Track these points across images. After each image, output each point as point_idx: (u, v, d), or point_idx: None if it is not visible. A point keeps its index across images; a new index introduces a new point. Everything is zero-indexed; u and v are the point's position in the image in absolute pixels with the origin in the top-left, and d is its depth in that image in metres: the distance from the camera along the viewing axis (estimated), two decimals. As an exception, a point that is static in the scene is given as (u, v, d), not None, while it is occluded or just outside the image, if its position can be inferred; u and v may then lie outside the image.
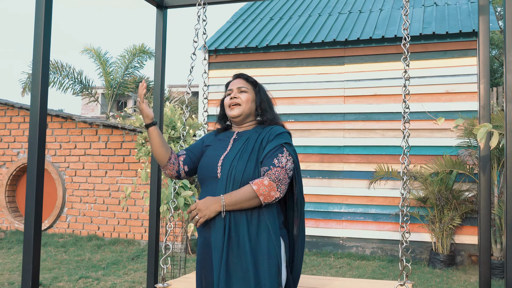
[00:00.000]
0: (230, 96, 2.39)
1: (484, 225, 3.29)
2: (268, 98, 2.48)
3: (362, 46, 7.58)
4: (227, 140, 2.39)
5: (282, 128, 2.35)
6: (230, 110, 2.38)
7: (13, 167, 8.20)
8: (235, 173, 2.19)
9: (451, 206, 6.54)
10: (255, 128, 2.38)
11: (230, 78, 2.52)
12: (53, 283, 5.46)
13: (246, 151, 2.26)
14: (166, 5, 3.96)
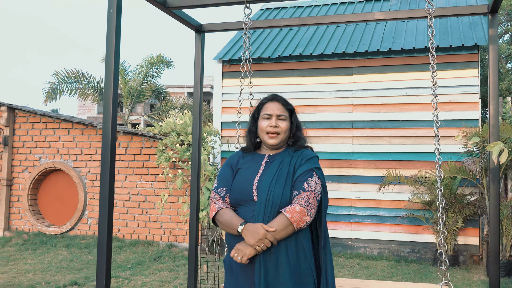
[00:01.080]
0: (270, 123, 2.42)
1: (494, 229, 3.70)
2: (299, 123, 2.53)
3: (369, 58, 8.00)
4: (258, 162, 2.44)
5: (312, 152, 2.44)
6: (269, 139, 2.42)
7: (35, 172, 8.56)
8: (273, 197, 2.25)
9: (454, 209, 6.98)
10: (287, 151, 2.44)
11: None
12: (87, 282, 5.85)
13: (281, 175, 2.31)
14: (205, 29, 4.37)
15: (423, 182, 7.24)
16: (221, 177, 2.48)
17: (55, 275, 6.28)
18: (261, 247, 2.17)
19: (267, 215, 2.23)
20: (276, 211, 2.23)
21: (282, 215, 2.19)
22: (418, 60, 7.76)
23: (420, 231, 7.53)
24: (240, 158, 2.51)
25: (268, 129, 2.42)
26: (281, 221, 2.18)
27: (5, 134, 8.74)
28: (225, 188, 2.41)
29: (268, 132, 2.42)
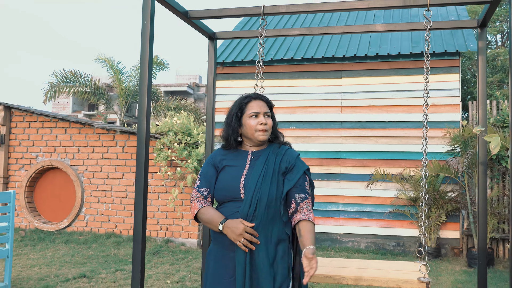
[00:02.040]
0: (260, 121, 2.50)
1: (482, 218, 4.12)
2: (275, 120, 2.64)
3: (357, 62, 8.44)
4: (243, 159, 2.51)
5: (295, 151, 2.58)
6: (260, 135, 2.49)
7: (32, 170, 8.75)
8: (260, 195, 2.35)
9: (437, 205, 7.46)
10: (270, 148, 2.53)
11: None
12: (94, 275, 6.11)
13: (268, 173, 2.41)
14: (218, 37, 4.71)
15: (408, 180, 7.70)
16: (204, 176, 2.55)
17: (60, 269, 6.51)
18: (242, 242, 2.28)
19: (251, 212, 2.32)
20: (264, 209, 2.34)
21: (312, 223, 2.37)
22: (403, 64, 8.23)
23: (405, 225, 8.00)
24: (223, 156, 2.56)
25: (259, 127, 2.48)
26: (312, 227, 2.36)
27: (2, 133, 8.89)
28: (207, 188, 2.50)
29: (260, 130, 2.48)
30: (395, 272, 3.39)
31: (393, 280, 3.18)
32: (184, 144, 7.77)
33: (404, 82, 8.18)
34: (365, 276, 3.24)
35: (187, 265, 6.79)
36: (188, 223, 8.09)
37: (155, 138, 8.16)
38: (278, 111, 8.32)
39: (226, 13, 4.10)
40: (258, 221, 2.33)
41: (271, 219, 2.36)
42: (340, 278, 3.24)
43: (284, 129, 8.50)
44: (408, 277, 3.20)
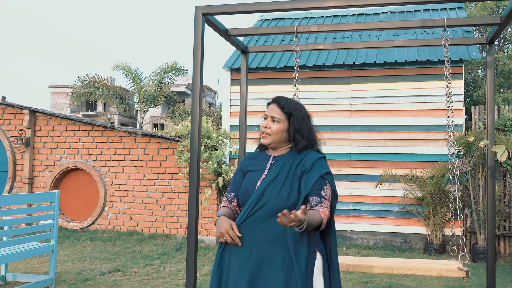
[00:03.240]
0: (263, 124, 2.50)
1: (491, 216, 4.60)
2: (305, 126, 2.51)
3: (366, 69, 8.92)
4: (264, 164, 2.51)
5: (317, 154, 2.45)
6: (262, 138, 2.52)
7: (56, 171, 9.18)
8: (267, 197, 2.33)
9: (443, 204, 7.95)
10: (290, 153, 2.48)
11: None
12: (127, 269, 6.56)
13: (281, 177, 2.37)
14: (249, 51, 5.17)
15: (415, 180, 8.19)
16: (233, 181, 2.59)
17: (92, 264, 6.95)
18: (222, 239, 2.32)
19: (250, 212, 2.33)
20: (266, 211, 2.31)
21: (319, 214, 2.25)
22: (410, 71, 8.72)
23: (412, 223, 8.49)
24: (250, 160, 2.58)
25: (261, 129, 2.51)
26: (318, 216, 2.24)
27: (27, 136, 9.32)
28: (233, 193, 2.54)
29: (262, 132, 2.50)
30: (436, 263, 3.84)
31: (435, 269, 3.63)
32: (204, 146, 8.22)
33: (410, 88, 8.67)
34: (409, 266, 3.70)
35: (210, 260, 7.24)
36: (207, 221, 8.55)
37: (176, 141, 8.60)
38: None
39: (263, 31, 4.57)
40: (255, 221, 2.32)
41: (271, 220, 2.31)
42: (386, 268, 3.69)
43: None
44: (449, 267, 3.65)
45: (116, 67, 14.85)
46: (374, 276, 6.30)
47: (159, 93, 14.91)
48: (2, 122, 9.54)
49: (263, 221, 2.32)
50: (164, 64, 14.55)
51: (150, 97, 14.70)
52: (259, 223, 2.32)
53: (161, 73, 14.72)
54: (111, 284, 5.72)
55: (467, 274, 3.73)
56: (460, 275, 3.72)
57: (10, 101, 9.50)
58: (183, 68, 14.98)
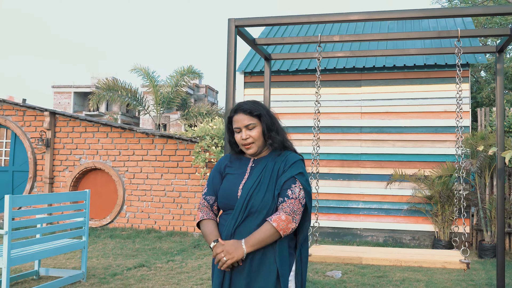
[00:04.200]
0: (241, 136, 2.45)
1: (500, 215, 4.94)
2: (274, 121, 2.52)
3: (376, 72, 9.25)
4: (244, 167, 2.49)
5: (296, 156, 2.47)
6: (247, 150, 2.46)
7: (76, 171, 9.51)
8: (252, 203, 2.33)
9: (451, 202, 8.28)
10: (271, 155, 2.49)
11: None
12: (151, 264, 6.89)
13: (264, 181, 2.37)
14: (272, 58, 5.49)
15: (423, 179, 8.52)
16: (210, 183, 2.56)
17: (116, 260, 7.28)
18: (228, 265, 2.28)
19: (240, 220, 2.32)
20: (255, 217, 2.33)
21: (268, 223, 2.27)
22: (418, 75, 9.04)
23: (420, 221, 8.82)
24: (228, 162, 2.56)
25: (241, 142, 2.46)
26: (265, 230, 2.26)
27: (47, 137, 9.65)
28: (213, 196, 2.51)
29: (244, 145, 2.46)
30: (440, 256, 4.18)
31: (439, 262, 3.96)
32: (221, 147, 8.55)
33: (418, 90, 9.00)
34: (416, 258, 4.03)
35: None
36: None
37: (192, 142, 8.93)
38: (302, 117, 9.18)
39: (288, 41, 4.89)
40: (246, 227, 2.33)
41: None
42: (395, 260, 4.02)
43: (307, 133, 9.31)
44: (452, 259, 3.99)
45: (133, 69, 15.23)
46: (388, 270, 6.63)
47: (175, 96, 15.30)
48: (23, 123, 9.87)
49: (253, 228, 2.31)
50: (181, 67, 14.98)
51: (166, 99, 15.09)
52: (249, 230, 2.31)
53: (177, 77, 15.10)
54: (139, 279, 6.04)
55: (467, 266, 4.05)
56: (461, 267, 4.04)
57: (31, 104, 9.82)
58: (199, 71, 15.35)
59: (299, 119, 9.41)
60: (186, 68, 15.22)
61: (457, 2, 18.10)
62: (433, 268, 6.80)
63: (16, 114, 9.92)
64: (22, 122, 9.88)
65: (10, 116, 9.94)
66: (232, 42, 4.24)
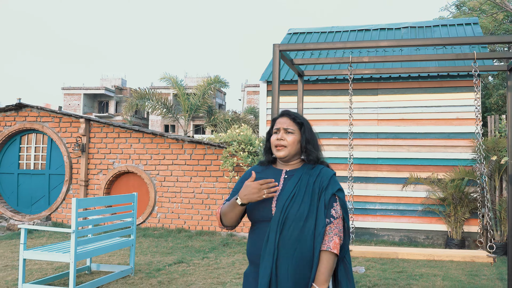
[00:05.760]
0: (277, 136, 2.48)
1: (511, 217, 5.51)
2: (314, 137, 2.54)
3: (392, 81, 9.85)
4: (276, 178, 2.47)
5: (330, 171, 2.49)
6: (276, 151, 2.47)
7: (110, 174, 10.16)
8: (287, 214, 2.33)
9: (463, 204, 8.87)
10: (304, 168, 2.49)
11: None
12: (188, 261, 7.51)
13: (299, 193, 2.37)
14: (305, 74, 6.11)
15: (437, 182, 9.11)
16: (235, 192, 2.54)
17: (154, 256, 7.90)
18: (265, 194, 2.31)
19: (279, 230, 2.31)
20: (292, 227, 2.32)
21: (329, 253, 2.30)
22: (431, 84, 9.64)
23: (434, 221, 9.41)
24: (258, 174, 2.51)
25: (275, 142, 2.49)
26: (330, 258, 2.30)
27: (83, 142, 10.30)
28: None
29: (276, 146, 2.48)
30: (468, 252, 4.78)
31: (469, 256, 4.56)
32: (248, 152, 9.17)
33: (432, 99, 9.60)
34: (447, 253, 4.63)
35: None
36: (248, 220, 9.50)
37: (220, 147, 9.56)
38: (322, 124, 9.82)
39: (322, 61, 5.51)
40: (284, 239, 2.32)
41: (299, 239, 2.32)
42: (429, 255, 4.62)
43: (327, 138, 9.93)
44: (479, 254, 4.58)
45: (162, 78, 15.94)
46: (406, 266, 7.24)
47: (202, 103, 16.02)
48: (59, 129, 10.53)
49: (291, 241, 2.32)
50: (208, 77, 15.63)
51: (194, 107, 15.80)
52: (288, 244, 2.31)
53: (204, 85, 15.80)
54: (182, 273, 6.67)
55: (494, 260, 4.64)
56: (489, 260, 4.64)
57: (67, 111, 10.47)
58: (225, 81, 16.05)
59: (318, 126, 10.01)
60: (213, 78, 15.93)
61: (465, 9, 18.65)
62: (450, 263, 7.41)
63: (52, 120, 10.58)
64: (58, 128, 10.54)
65: (47, 122, 10.60)
66: (276, 63, 4.86)
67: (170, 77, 16.11)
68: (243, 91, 49.59)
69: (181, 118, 17.04)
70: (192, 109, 15.75)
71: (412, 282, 6.26)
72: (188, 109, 15.68)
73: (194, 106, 15.76)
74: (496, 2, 12.48)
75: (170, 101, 16.06)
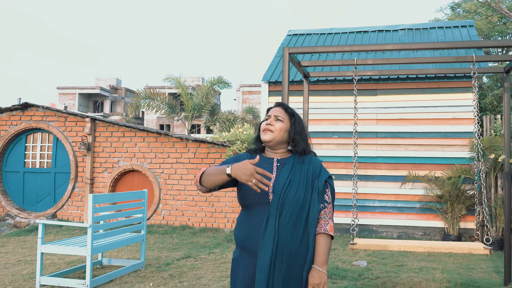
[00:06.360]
0: (267, 121, 2.61)
1: (508, 213, 5.80)
2: (303, 131, 2.66)
3: (390, 82, 10.13)
4: (268, 166, 2.58)
5: (319, 160, 2.65)
6: (263, 134, 2.59)
7: (115, 172, 10.38)
8: (286, 200, 2.45)
9: (459, 201, 9.16)
10: (294, 157, 2.62)
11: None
12: (195, 256, 7.75)
13: (294, 179, 2.51)
14: (310, 76, 6.36)
15: (434, 180, 9.40)
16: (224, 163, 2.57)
17: (161, 252, 8.14)
18: (254, 182, 2.27)
19: (278, 215, 2.42)
20: (290, 212, 2.44)
21: (325, 236, 2.48)
22: (429, 85, 9.93)
23: (431, 218, 9.70)
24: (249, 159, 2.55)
25: (263, 126, 2.60)
26: (327, 240, 2.48)
27: (88, 141, 10.52)
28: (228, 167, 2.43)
29: (264, 130, 2.59)
30: (466, 245, 5.05)
31: (467, 248, 4.83)
32: (250, 151, 9.41)
33: (429, 99, 9.89)
34: (446, 246, 4.90)
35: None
36: (251, 217, 9.75)
37: (223, 146, 9.80)
38: (322, 123, 10.09)
39: (328, 63, 5.76)
40: (283, 223, 2.43)
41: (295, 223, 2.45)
42: (429, 247, 4.89)
43: (327, 138, 10.20)
44: (476, 247, 4.85)
45: (166, 78, 16.19)
46: (406, 261, 7.51)
47: (205, 103, 16.29)
48: (65, 129, 10.74)
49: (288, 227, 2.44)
50: (211, 78, 15.96)
51: (197, 107, 16.05)
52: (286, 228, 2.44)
53: (207, 86, 16.07)
54: (191, 267, 6.91)
55: (490, 251, 4.91)
56: (485, 252, 4.91)
57: (72, 110, 10.68)
58: (228, 81, 16.32)
59: (319, 125, 10.28)
60: (216, 78, 16.20)
61: (460, 11, 18.98)
62: (448, 258, 7.70)
63: (58, 120, 10.78)
64: (64, 127, 10.74)
65: (53, 122, 10.80)
66: (286, 65, 5.12)
67: (174, 78, 16.38)
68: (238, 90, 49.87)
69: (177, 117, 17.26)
70: (195, 109, 16.04)
71: (412, 275, 6.53)
72: (191, 109, 15.95)
73: (197, 106, 16.05)
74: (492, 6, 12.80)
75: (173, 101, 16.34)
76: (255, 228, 2.45)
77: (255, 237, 2.43)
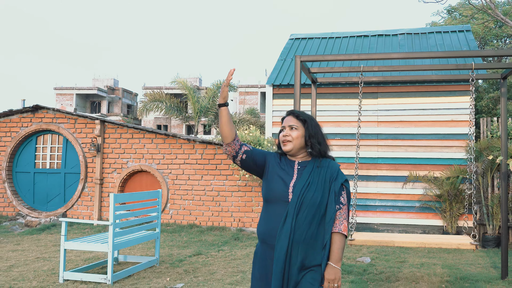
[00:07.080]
0: (283, 133, 2.81)
1: (504, 212, 6.16)
2: (318, 132, 2.84)
3: (391, 86, 10.50)
4: (290, 168, 2.78)
5: (337, 164, 2.83)
6: (283, 146, 2.79)
7: (124, 172, 10.70)
8: (303, 200, 2.65)
9: (457, 200, 9.53)
10: (314, 160, 2.80)
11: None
12: (205, 253, 8.08)
13: (313, 182, 2.69)
14: (318, 81, 6.71)
15: (433, 180, 9.77)
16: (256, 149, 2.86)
17: (172, 249, 8.46)
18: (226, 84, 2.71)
19: (295, 214, 2.63)
20: (306, 212, 2.65)
21: (339, 235, 2.67)
22: (428, 88, 10.30)
23: (430, 217, 10.07)
24: (275, 159, 2.84)
25: (281, 138, 2.81)
26: (341, 239, 2.68)
27: (98, 142, 10.83)
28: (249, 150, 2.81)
29: (282, 141, 2.79)
30: (454, 239, 5.40)
31: (455, 244, 5.18)
32: (256, 152, 9.75)
33: (428, 102, 10.26)
34: (437, 241, 5.26)
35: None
36: (257, 216, 10.09)
37: (230, 147, 10.12)
38: (325, 125, 10.52)
39: (336, 70, 6.11)
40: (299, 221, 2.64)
41: (311, 222, 2.65)
42: (421, 243, 5.24)
43: (330, 139, 10.52)
44: (464, 242, 5.21)
45: (173, 81, 16.53)
46: (407, 257, 7.87)
47: (212, 105, 16.65)
48: (74, 130, 11.05)
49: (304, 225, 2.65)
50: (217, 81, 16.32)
51: (203, 109, 16.41)
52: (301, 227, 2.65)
53: (213, 89, 16.44)
54: (203, 263, 7.25)
55: (476, 247, 5.25)
56: (472, 247, 5.25)
57: (82, 113, 10.98)
58: (234, 85, 16.64)
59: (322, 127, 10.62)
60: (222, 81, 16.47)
61: (456, 14, 19.39)
62: (447, 254, 8.06)
63: (68, 122, 11.09)
64: (74, 129, 11.05)
65: (63, 123, 11.11)
66: (298, 72, 5.46)
67: (181, 80, 16.74)
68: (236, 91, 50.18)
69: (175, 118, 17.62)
70: (201, 111, 16.41)
71: (414, 270, 6.89)
72: (198, 111, 16.32)
73: (203, 108, 16.43)
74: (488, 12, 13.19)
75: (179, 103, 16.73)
76: (274, 224, 2.67)
77: (274, 232, 2.66)
